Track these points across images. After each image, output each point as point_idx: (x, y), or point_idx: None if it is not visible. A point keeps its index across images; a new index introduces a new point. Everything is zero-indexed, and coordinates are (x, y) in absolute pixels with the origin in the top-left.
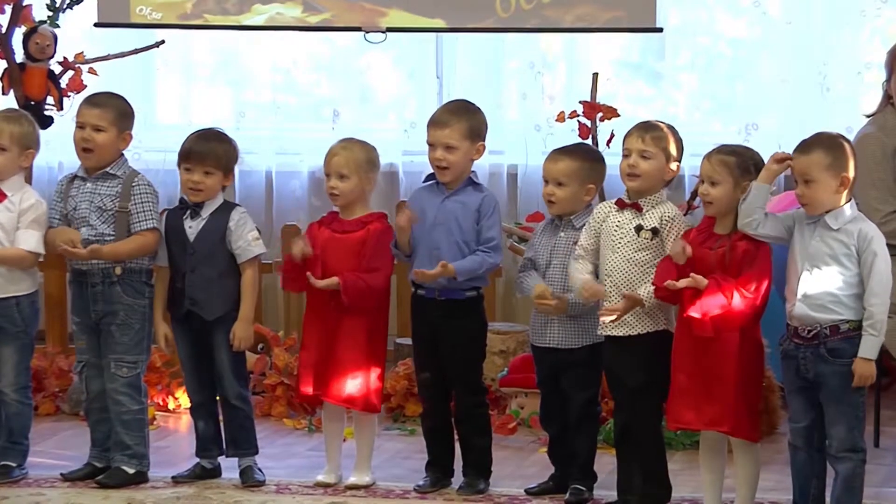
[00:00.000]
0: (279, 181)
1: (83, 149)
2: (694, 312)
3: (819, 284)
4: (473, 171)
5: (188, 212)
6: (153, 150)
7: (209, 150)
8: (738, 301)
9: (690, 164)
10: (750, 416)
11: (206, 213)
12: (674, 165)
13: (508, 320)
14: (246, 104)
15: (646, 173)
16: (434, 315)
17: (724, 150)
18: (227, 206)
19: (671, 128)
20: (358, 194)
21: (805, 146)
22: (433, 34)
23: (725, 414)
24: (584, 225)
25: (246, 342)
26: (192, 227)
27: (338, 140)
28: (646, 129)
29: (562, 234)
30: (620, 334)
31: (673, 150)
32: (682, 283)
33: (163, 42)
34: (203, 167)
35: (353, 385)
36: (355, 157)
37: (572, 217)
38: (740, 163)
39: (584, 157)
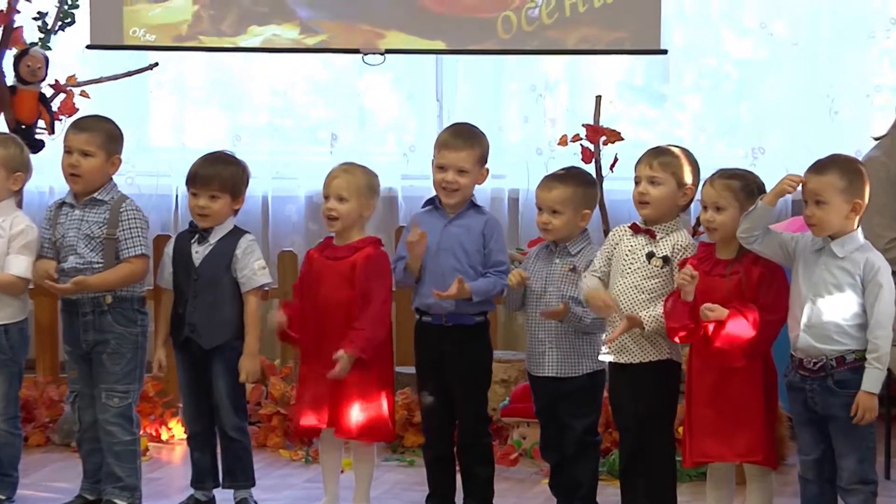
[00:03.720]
0: (275, 206)
1: (71, 174)
2: (721, 343)
3: (823, 314)
4: (473, 195)
5: (196, 236)
6: (146, 174)
7: (214, 174)
8: (762, 326)
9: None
10: (773, 443)
11: (214, 238)
12: (688, 190)
13: (510, 348)
14: (241, 127)
15: (656, 200)
16: (441, 342)
17: (725, 174)
18: (236, 233)
19: (685, 151)
20: (355, 219)
21: (820, 166)
22: (433, 56)
23: (757, 443)
24: (580, 252)
25: (254, 375)
26: (199, 253)
27: (339, 163)
28: (655, 154)
29: (557, 260)
30: (623, 361)
31: (686, 175)
32: (713, 315)
33: (156, 64)
34: (209, 191)
35: (367, 416)
36: (356, 180)
37: (567, 243)
38: (745, 186)
39: (578, 182)
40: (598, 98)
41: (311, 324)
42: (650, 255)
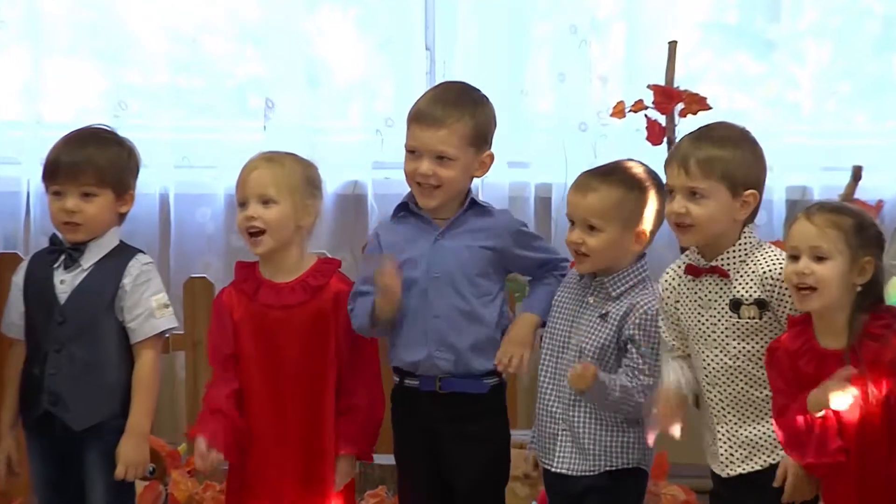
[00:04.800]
0: (180, 209)
1: None
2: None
3: None
4: (472, 191)
5: (62, 258)
6: None
7: (86, 161)
8: None
9: (822, 184)
10: None
11: (88, 261)
12: (749, 197)
13: None
14: (128, 90)
15: (701, 222)
16: (434, 418)
17: (828, 207)
18: (123, 253)
19: (740, 135)
20: (291, 232)
21: None
22: None
23: None
24: (625, 294)
25: (137, 468)
26: (66, 283)
27: (259, 153)
28: (693, 146)
29: (590, 299)
30: (745, 471)
31: (745, 173)
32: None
33: None
34: (79, 187)
35: None
36: (287, 173)
37: (607, 278)
38: (859, 227)
39: (630, 182)
40: (673, 45)
41: (257, 406)
42: (736, 305)
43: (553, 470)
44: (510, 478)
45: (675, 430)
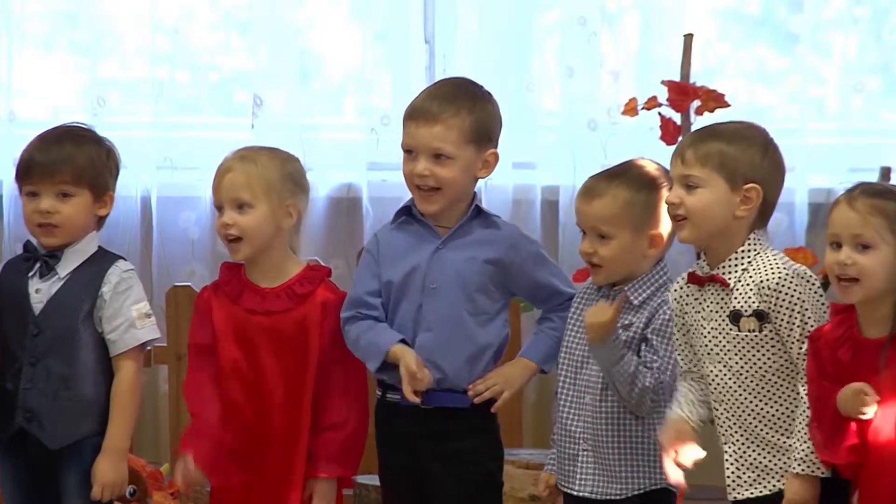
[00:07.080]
0: (163, 212)
1: None
2: None
3: None
4: (476, 194)
5: (37, 265)
6: None
7: (62, 159)
8: None
9: (848, 186)
10: None
11: (65, 268)
12: (751, 191)
13: (542, 446)
14: (107, 85)
15: (694, 213)
16: (416, 436)
17: (870, 191)
18: (103, 259)
19: (749, 130)
20: (271, 235)
21: None
22: None
23: None
24: (647, 301)
25: (115, 489)
26: (41, 292)
27: (234, 151)
28: (694, 137)
29: None
30: (753, 495)
31: (746, 166)
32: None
33: None
34: (55, 186)
35: None
36: (262, 172)
37: (627, 287)
38: None
39: (637, 184)
40: (689, 38)
41: (235, 415)
42: (736, 317)
43: (575, 494)
44: (516, 500)
45: (681, 459)
